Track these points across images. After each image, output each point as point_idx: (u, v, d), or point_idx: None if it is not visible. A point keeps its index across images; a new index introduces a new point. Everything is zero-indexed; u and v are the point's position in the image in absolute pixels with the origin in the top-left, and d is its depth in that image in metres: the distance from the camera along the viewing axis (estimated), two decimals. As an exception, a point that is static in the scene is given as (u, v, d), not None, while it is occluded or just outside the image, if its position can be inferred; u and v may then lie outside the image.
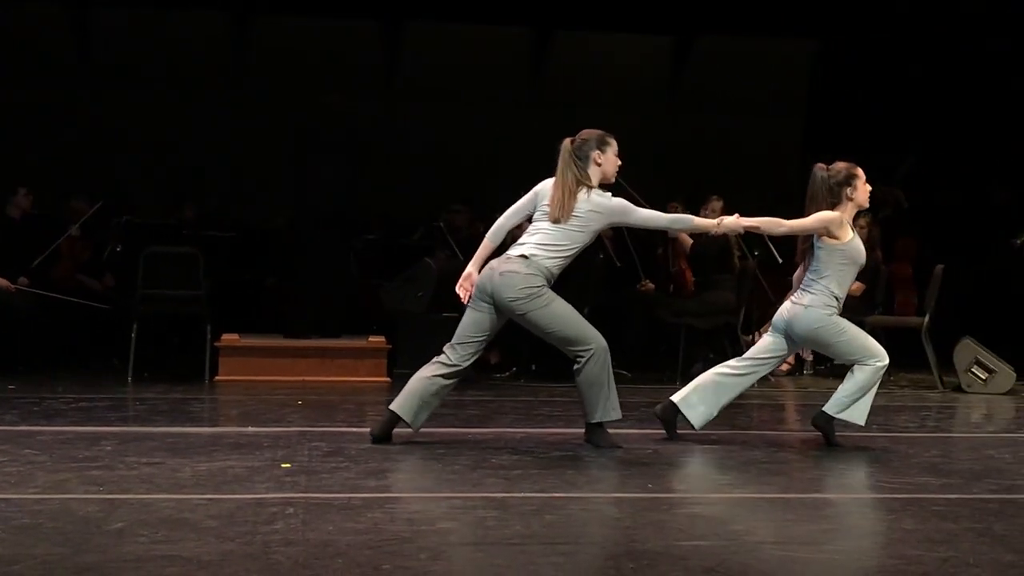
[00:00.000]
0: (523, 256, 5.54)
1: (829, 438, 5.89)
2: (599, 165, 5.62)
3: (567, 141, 5.66)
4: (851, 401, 5.79)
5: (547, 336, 5.63)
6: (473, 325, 5.61)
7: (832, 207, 5.81)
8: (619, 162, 5.70)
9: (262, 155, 10.62)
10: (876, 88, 11.78)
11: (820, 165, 5.91)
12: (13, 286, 8.70)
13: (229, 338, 8.72)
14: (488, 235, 5.77)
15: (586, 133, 5.69)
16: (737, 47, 12.14)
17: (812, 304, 5.79)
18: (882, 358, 5.80)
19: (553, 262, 5.57)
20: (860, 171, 5.90)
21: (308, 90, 9.13)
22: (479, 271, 5.64)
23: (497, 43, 12.28)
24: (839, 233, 5.80)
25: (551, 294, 5.55)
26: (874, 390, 5.83)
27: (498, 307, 5.54)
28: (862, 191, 5.85)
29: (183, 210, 10.51)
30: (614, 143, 5.70)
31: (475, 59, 12.03)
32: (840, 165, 5.88)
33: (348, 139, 9.12)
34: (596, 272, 8.80)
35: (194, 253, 8.69)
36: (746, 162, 11.85)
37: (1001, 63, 11.19)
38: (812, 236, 5.85)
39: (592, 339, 5.56)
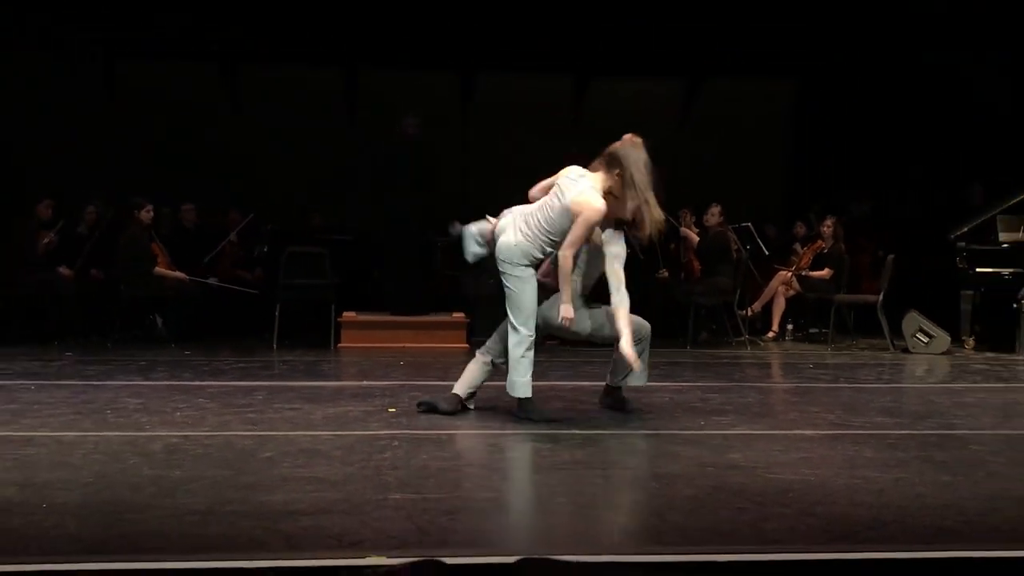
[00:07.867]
0: None
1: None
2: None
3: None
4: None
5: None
6: None
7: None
8: None
9: (370, 175, 10.60)
10: (845, 116, 11.49)
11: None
12: (188, 278, 8.86)
13: (349, 315, 8.81)
14: None
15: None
16: (731, 86, 11.90)
17: None
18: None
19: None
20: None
21: (393, 124, 9.13)
22: None
23: (544, 89, 12.05)
24: None
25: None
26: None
27: None
28: None
29: (312, 219, 10.62)
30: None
31: (524, 103, 11.69)
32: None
33: (427, 162, 9.06)
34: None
35: (322, 252, 8.79)
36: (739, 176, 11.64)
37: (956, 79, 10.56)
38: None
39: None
